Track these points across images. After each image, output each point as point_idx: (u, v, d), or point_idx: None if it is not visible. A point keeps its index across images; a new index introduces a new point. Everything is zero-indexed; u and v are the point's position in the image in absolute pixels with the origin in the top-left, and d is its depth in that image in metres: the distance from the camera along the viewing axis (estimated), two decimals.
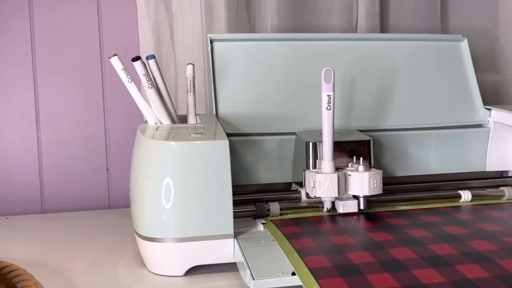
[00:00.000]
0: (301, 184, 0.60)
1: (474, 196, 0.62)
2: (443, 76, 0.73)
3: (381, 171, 0.56)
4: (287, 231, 0.51)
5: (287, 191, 0.61)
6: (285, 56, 0.70)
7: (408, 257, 0.44)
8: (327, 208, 0.57)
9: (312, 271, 0.41)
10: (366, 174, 0.54)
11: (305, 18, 0.85)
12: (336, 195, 0.55)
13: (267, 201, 0.58)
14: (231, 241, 0.50)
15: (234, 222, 0.50)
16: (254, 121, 0.66)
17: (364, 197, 0.56)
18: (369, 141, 0.60)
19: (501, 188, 0.64)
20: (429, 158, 0.69)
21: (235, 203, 0.51)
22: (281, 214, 0.57)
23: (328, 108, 0.54)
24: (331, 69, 0.54)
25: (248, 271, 0.44)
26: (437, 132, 0.69)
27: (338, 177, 0.54)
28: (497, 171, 0.71)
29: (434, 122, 0.70)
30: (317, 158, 0.58)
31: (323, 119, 0.55)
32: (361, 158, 0.56)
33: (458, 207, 0.61)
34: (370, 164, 0.59)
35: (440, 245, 0.47)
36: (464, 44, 0.75)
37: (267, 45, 0.70)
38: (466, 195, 0.62)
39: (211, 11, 0.81)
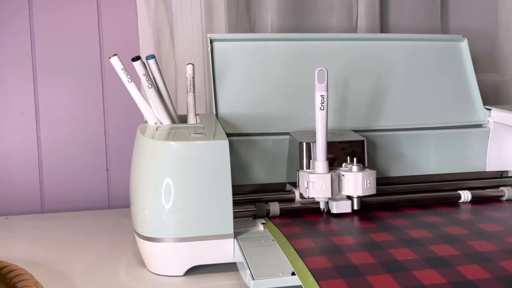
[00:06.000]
0: (295, 185, 0.60)
1: (474, 196, 0.62)
2: (443, 76, 0.73)
3: (375, 171, 0.55)
4: (287, 231, 0.51)
5: (282, 191, 0.61)
6: (285, 56, 0.70)
7: (408, 257, 0.44)
8: (323, 209, 0.57)
9: (312, 272, 0.41)
10: (360, 174, 0.54)
11: (305, 18, 0.85)
12: (329, 196, 0.54)
13: (267, 201, 0.58)
14: (231, 241, 0.50)
15: (234, 222, 0.50)
16: (254, 121, 0.66)
17: (358, 197, 0.56)
18: (363, 141, 0.60)
19: (501, 188, 0.64)
20: (429, 158, 0.69)
21: (235, 203, 0.51)
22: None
23: (322, 108, 0.54)
24: (324, 69, 0.54)
25: (248, 271, 0.44)
26: (437, 132, 0.69)
27: (331, 177, 0.54)
28: (497, 171, 0.71)
29: (434, 122, 0.70)
30: (311, 158, 0.58)
31: (316, 119, 0.55)
32: (354, 159, 0.56)
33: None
34: (364, 164, 0.59)
35: (441, 246, 0.46)
36: (464, 44, 0.75)
37: (267, 45, 0.70)
38: (466, 195, 0.62)
39: (211, 11, 0.81)
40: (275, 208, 0.57)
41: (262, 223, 0.55)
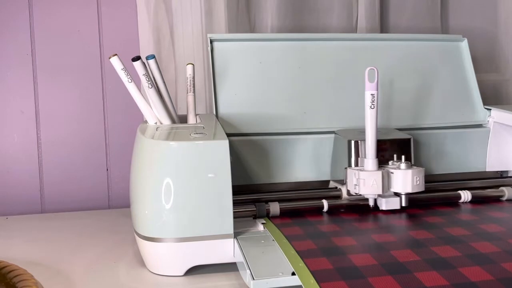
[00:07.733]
0: (340, 182, 0.61)
1: (474, 196, 0.62)
2: (443, 76, 0.73)
3: (423, 169, 0.57)
4: (288, 232, 0.51)
5: (326, 189, 0.62)
6: (285, 56, 0.70)
7: (410, 259, 0.44)
8: (371, 205, 0.58)
9: (314, 273, 0.41)
10: (409, 171, 0.55)
11: (305, 18, 0.85)
12: (380, 192, 0.55)
13: (267, 201, 0.58)
14: (231, 241, 0.50)
15: (234, 222, 0.50)
16: (254, 121, 0.66)
17: (406, 194, 0.57)
18: (409, 139, 0.61)
19: (501, 188, 0.64)
20: (429, 158, 0.69)
21: (235, 203, 0.51)
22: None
23: (372, 106, 0.55)
24: (374, 69, 0.55)
25: (248, 271, 0.44)
26: (437, 132, 0.69)
27: (382, 175, 0.55)
28: (497, 171, 0.71)
29: (433, 122, 0.70)
30: (359, 156, 0.59)
31: (366, 117, 0.56)
32: (402, 156, 0.57)
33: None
34: (411, 161, 0.59)
35: (443, 247, 0.46)
36: (464, 44, 0.75)
37: (267, 45, 0.70)
38: (466, 195, 0.62)
39: (211, 11, 0.81)
40: (275, 208, 0.57)
41: (262, 223, 0.55)
